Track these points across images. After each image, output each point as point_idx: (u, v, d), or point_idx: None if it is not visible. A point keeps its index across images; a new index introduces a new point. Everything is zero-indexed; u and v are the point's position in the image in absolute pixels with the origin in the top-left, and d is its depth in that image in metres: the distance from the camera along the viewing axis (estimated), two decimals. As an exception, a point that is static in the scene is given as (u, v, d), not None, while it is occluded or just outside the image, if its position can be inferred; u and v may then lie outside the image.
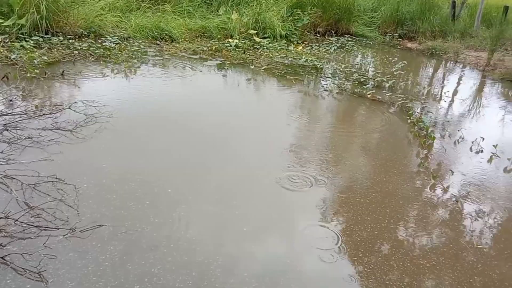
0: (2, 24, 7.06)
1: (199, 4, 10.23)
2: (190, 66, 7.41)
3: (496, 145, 4.95)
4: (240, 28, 9.40)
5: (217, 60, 7.95)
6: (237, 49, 8.61)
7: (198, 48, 8.46)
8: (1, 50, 6.54)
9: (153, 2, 9.65)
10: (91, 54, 7.16)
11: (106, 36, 8.10)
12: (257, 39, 9.17)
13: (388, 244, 3.21)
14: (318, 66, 8.13)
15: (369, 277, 2.84)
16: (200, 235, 3.09)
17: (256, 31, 9.40)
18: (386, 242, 3.23)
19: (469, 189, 4.09)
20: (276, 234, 3.25)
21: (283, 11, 10.15)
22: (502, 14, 11.62)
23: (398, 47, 11.23)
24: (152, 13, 9.32)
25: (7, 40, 6.90)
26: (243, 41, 9.03)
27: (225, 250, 2.98)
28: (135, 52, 7.60)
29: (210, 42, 8.86)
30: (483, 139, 5.10)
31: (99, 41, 7.85)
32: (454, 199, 3.89)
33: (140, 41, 8.32)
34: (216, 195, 3.65)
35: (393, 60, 8.78)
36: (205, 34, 9.26)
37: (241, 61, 8.00)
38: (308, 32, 10.55)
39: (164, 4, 9.58)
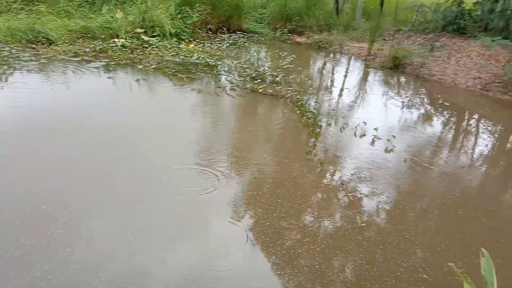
0: None
1: (80, 4, 9.55)
2: (72, 70, 6.86)
3: (377, 128, 5.26)
4: (126, 27, 8.94)
5: (101, 61, 7.47)
6: (124, 49, 8.19)
7: (79, 50, 7.88)
8: None
9: (26, 3, 8.79)
10: (-51, 62, 6.30)
11: (-31, 41, 7.19)
12: (146, 38, 8.81)
13: (281, 232, 3.20)
14: (211, 63, 8.03)
15: (258, 262, 2.80)
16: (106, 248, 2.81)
17: (144, 30, 9.02)
18: (279, 230, 3.22)
19: (354, 171, 4.28)
20: (179, 234, 3.08)
21: (172, 9, 9.88)
22: (379, 7, 12.57)
23: (288, 42, 11.57)
24: (26, 14, 8.49)
25: None
26: (130, 41, 8.61)
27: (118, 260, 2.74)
28: (5, 58, 6.83)
29: (94, 43, 8.31)
30: (365, 123, 5.39)
31: (-40, 46, 6.95)
32: (340, 182, 4.03)
33: (12, 46, 7.53)
34: (111, 204, 3.36)
35: (283, 55, 8.99)
36: (88, 35, 8.66)
37: (129, 61, 7.62)
38: (199, 29, 10.40)
39: (39, 5, 8.77)
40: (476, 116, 6.84)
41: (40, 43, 7.95)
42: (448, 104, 7.27)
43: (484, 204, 3.91)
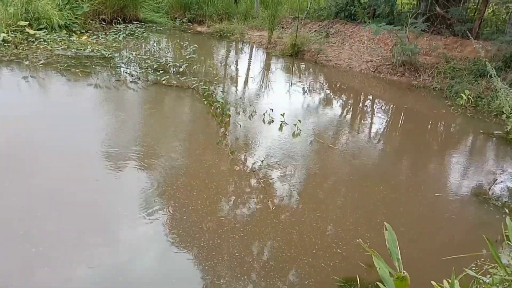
0: None
1: None
2: None
3: (283, 113, 5.39)
4: (7, 20, 8.07)
5: (-21, 58, 6.67)
6: (6, 44, 7.39)
7: (-49, 46, 6.95)
8: None
9: None
10: None
11: None
12: (31, 31, 8.03)
13: (199, 224, 3.13)
14: (107, 55, 7.59)
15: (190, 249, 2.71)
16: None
17: (28, 22, 8.21)
18: (196, 223, 3.14)
19: (265, 157, 4.33)
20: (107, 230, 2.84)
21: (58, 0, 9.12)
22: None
23: (189, 31, 11.37)
24: None
25: None
26: (13, 35, 7.78)
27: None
28: None
29: (-32, 38, 7.38)
30: (272, 110, 5.49)
31: None
32: (251, 169, 4.06)
33: None
34: (35, 207, 2.99)
35: (184, 45, 8.82)
36: (-40, 29, 7.67)
37: (13, 58, 6.90)
38: (91, 20, 9.76)
39: None
40: (370, 97, 7.34)
41: None
42: (345, 87, 7.71)
43: (384, 177, 4.20)
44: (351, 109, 6.56)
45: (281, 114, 5.37)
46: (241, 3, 12.99)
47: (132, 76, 6.68)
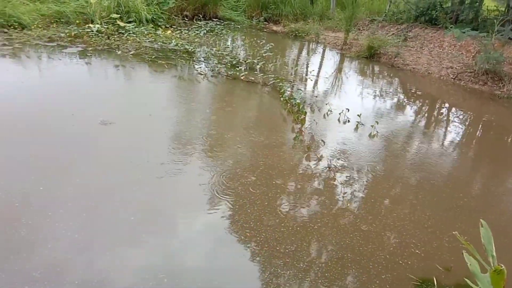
0: None
1: (51, -13, 9.23)
2: (48, 55, 6.68)
3: (360, 114, 5.41)
4: (101, 12, 8.73)
5: (78, 47, 7.28)
6: (100, 35, 8.01)
7: (54, 35, 7.65)
8: None
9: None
10: None
11: None
12: (122, 24, 8.63)
13: (277, 213, 3.28)
14: (190, 50, 7.98)
15: (262, 246, 2.87)
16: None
17: (119, 15, 8.83)
18: (274, 211, 3.30)
19: (340, 156, 4.40)
20: (168, 221, 3.10)
21: (147, -5, 9.71)
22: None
23: (265, 30, 11.61)
24: (-6, -3, 8.14)
25: None
26: (105, 26, 8.42)
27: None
28: (-24, 42, 6.58)
29: (68, 28, 8.08)
30: (348, 110, 5.53)
31: None
32: (327, 166, 4.15)
33: (-18, 29, 7.23)
34: (88, 195, 3.33)
35: (261, 43, 9.03)
36: (62, 20, 8.41)
37: (106, 47, 7.47)
38: (175, 16, 10.28)
39: (8, -13, 8.42)
40: (447, 105, 7.11)
41: (12, 27, 7.66)
42: (421, 92, 7.53)
43: (463, 186, 4.11)
44: (427, 115, 6.42)
45: (358, 115, 5.40)
46: (317, 4, 13.03)
47: (212, 70, 6.98)
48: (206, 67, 7.18)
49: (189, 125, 4.76)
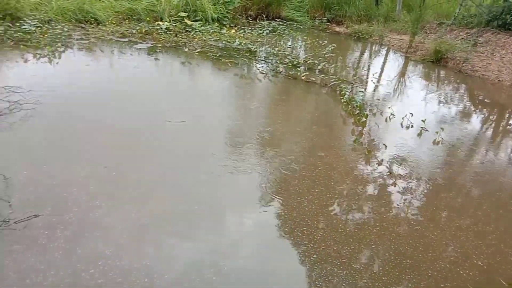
0: None
1: (124, -14, 9.75)
2: (120, 50, 7.09)
3: (424, 120, 5.28)
4: (170, 11, 9.11)
5: (147, 43, 7.66)
6: (168, 32, 8.36)
7: (126, 31, 8.10)
8: None
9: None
10: (8, 39, 6.58)
11: (25, 19, 7.47)
12: (189, 22, 8.96)
13: (334, 214, 3.31)
14: (252, 49, 8.13)
15: (319, 245, 2.92)
16: (149, 216, 3.00)
17: (187, 14, 9.17)
18: (333, 211, 3.33)
19: (401, 161, 4.33)
20: (229, 215, 3.23)
21: (214, -6, 9.99)
22: None
23: (327, 31, 11.54)
24: (75, -6, 8.73)
25: None
26: (174, 24, 8.77)
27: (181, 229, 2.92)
28: (59, 36, 7.09)
29: (139, 24, 8.51)
30: (412, 115, 5.41)
31: (17, 24, 7.21)
32: (388, 170, 4.10)
33: (63, 24, 7.78)
34: (159, 181, 3.54)
35: (323, 44, 9.00)
36: (133, 17, 8.88)
37: (174, 44, 7.79)
38: (239, 15, 10.50)
39: (87, -15, 9.00)
40: (521, 114, 6.74)
41: (88, 23, 8.20)
42: (489, 100, 7.18)
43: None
44: (495, 124, 6.12)
45: (422, 120, 5.27)
46: (382, 5, 12.76)
47: (274, 70, 7.07)
48: (267, 66, 7.28)
49: (248, 123, 4.88)
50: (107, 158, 3.71)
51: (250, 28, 9.91)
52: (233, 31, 9.22)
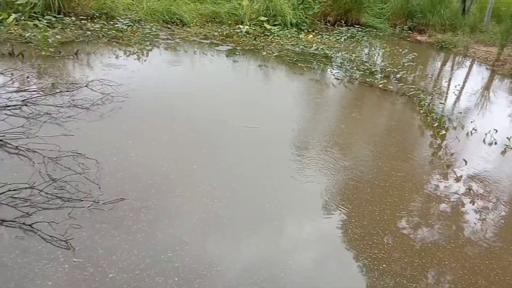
0: (15, 3, 7.02)
1: (209, -11, 10.17)
2: (202, 51, 7.42)
3: (510, 137, 4.98)
4: (250, 15, 9.37)
5: (228, 45, 7.94)
6: (247, 35, 8.60)
7: (209, 33, 8.44)
8: (15, 28, 6.53)
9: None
10: (103, 35, 7.15)
11: (118, 18, 8.07)
12: (268, 26, 9.14)
13: (407, 226, 3.25)
14: (329, 54, 8.13)
15: (389, 255, 2.89)
16: (227, 208, 3.15)
17: (266, 18, 9.36)
18: (405, 223, 3.27)
19: (482, 180, 4.13)
20: (301, 218, 3.30)
21: (294, -1, 10.11)
22: (513, 10, 11.60)
23: (408, 39, 11.20)
24: (164, -4, 9.27)
25: (22, 18, 6.85)
26: (253, 28, 9.00)
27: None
28: (147, 35, 7.58)
29: (221, 27, 8.84)
30: (496, 131, 5.12)
31: (111, 22, 7.81)
32: (467, 188, 3.93)
33: (152, 24, 8.29)
34: (237, 176, 3.69)
35: (403, 52, 8.76)
36: (216, 20, 9.23)
37: (252, 47, 8.00)
38: (318, 21, 10.52)
39: (176, -12, 9.52)
40: None
41: (174, 24, 8.66)
42: None
43: None
44: None
45: (507, 138, 4.98)
46: (469, 15, 12.13)
47: (350, 76, 7.02)
48: (344, 72, 7.24)
49: (322, 128, 4.92)
50: (185, 152, 3.94)
51: (328, 33, 9.89)
52: (311, 36, 9.27)
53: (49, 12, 7.42)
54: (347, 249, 2.97)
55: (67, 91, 4.72)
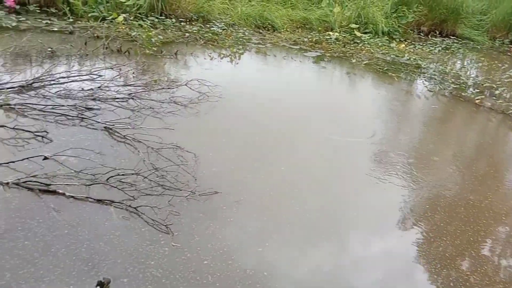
0: (124, 3, 7.66)
1: (301, -5, 10.27)
2: (291, 56, 7.55)
3: None
4: (341, 22, 9.33)
5: (317, 52, 7.98)
6: (337, 42, 8.58)
7: (298, 39, 8.55)
8: (123, 27, 7.13)
9: (258, -9, 9.87)
10: (200, 37, 7.54)
11: (214, 21, 8.46)
12: (358, 34, 9.04)
13: (483, 258, 3.09)
14: (422, 65, 7.86)
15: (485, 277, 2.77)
16: (316, 210, 3.22)
17: (357, 26, 9.26)
18: (479, 255, 3.11)
19: None
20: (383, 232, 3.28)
21: (387, 7, 9.87)
22: None
23: (508, 53, 10.45)
24: (257, 2, 9.53)
25: (130, 18, 7.46)
26: (343, 35, 8.96)
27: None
28: (240, 39, 7.87)
29: (311, 33, 8.90)
30: None
31: (207, 25, 8.22)
32: None
33: (245, 29, 8.58)
34: (322, 183, 3.75)
35: (502, 67, 8.24)
36: (306, 26, 9.31)
37: (341, 55, 7.97)
38: (411, 30, 10.19)
39: (269, -6, 9.76)
40: None
41: (266, 29, 8.89)
42: None
43: None
44: None
45: None
46: None
47: (443, 89, 6.74)
48: (436, 84, 6.96)
49: (412, 142, 4.79)
50: (273, 155, 4.07)
51: (421, 43, 9.55)
52: (403, 45, 9.01)
53: (152, 13, 7.98)
54: (404, 280, 2.89)
55: (168, 88, 5.07)
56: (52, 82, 4.76)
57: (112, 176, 3.23)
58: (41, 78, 4.73)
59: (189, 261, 2.58)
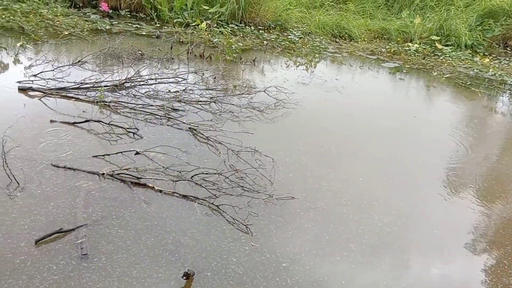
0: (208, 11, 8.00)
1: (379, 6, 10.12)
2: (368, 66, 7.46)
3: None
4: (421, 33, 9.06)
5: (395, 62, 7.82)
6: (416, 54, 8.35)
7: (376, 49, 8.43)
8: (205, 34, 7.45)
9: (336, 1, 9.86)
10: (277, 45, 7.69)
11: (291, 30, 8.59)
12: (439, 46, 8.73)
13: None
14: (508, 82, 7.42)
15: None
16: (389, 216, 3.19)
17: (439, 38, 8.95)
18: None
19: None
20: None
21: (472, 19, 9.44)
22: None
23: None
24: (334, 11, 9.54)
25: (213, 25, 7.78)
26: (423, 47, 8.70)
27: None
28: (316, 47, 7.91)
29: (389, 44, 8.73)
30: None
31: (285, 33, 8.37)
32: None
33: (321, 38, 8.62)
34: (394, 193, 3.69)
35: None
36: (384, 36, 9.16)
37: (421, 67, 7.75)
38: (497, 44, 9.64)
39: (348, 3, 9.72)
40: None
41: (342, 38, 8.86)
42: None
43: None
44: None
45: None
46: None
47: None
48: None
49: (485, 164, 4.55)
50: (349, 165, 4.06)
51: (507, 59, 9.00)
52: (487, 60, 8.56)
53: (233, 21, 8.27)
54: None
55: (247, 93, 5.23)
56: (142, 82, 5.12)
57: (196, 174, 3.41)
58: (132, 78, 5.09)
59: (268, 262, 2.66)
